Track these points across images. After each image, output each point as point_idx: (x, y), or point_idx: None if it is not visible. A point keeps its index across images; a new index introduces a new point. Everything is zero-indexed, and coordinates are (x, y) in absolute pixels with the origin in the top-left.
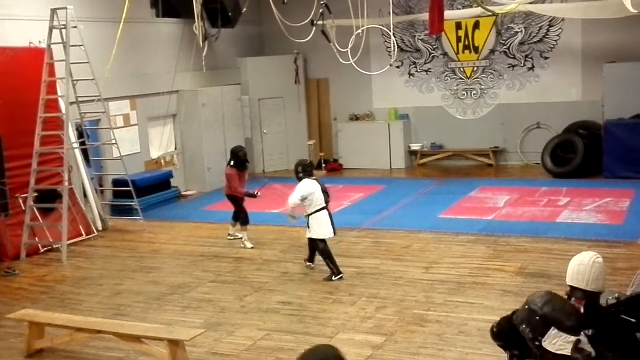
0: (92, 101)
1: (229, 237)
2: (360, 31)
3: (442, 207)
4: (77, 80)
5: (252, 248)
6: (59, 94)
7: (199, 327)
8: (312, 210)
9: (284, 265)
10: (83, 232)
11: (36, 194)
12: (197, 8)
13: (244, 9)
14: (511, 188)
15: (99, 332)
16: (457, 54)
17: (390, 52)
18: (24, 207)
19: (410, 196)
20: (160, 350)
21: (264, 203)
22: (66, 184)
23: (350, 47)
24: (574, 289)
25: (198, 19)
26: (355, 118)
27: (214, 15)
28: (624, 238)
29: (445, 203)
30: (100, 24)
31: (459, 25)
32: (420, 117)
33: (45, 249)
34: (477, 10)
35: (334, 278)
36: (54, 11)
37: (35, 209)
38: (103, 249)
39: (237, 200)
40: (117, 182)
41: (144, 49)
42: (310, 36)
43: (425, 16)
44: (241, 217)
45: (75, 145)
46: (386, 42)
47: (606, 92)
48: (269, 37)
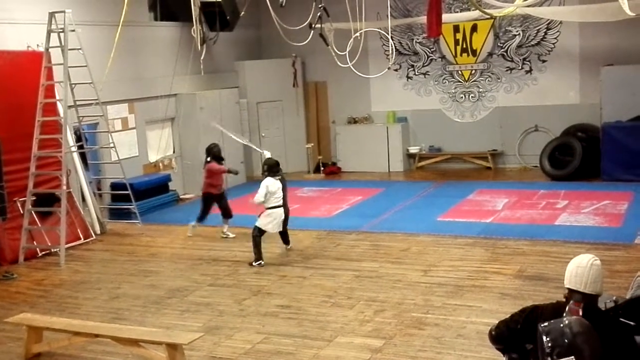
0: (90, 105)
1: (222, 236)
2: (358, 34)
3: (441, 209)
4: (75, 84)
5: (233, 236)
6: (57, 97)
7: (197, 330)
8: (268, 206)
9: (282, 269)
10: (81, 235)
11: (34, 198)
12: (195, 11)
13: (242, 12)
14: (509, 191)
15: (96, 335)
16: (455, 56)
17: (388, 55)
18: (22, 211)
19: (409, 199)
20: (159, 354)
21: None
22: (64, 187)
23: (348, 50)
24: (572, 292)
25: (196, 22)
26: (354, 121)
27: (212, 19)
28: (622, 240)
29: (444, 206)
30: (98, 28)
31: (456, 28)
32: (418, 120)
33: (43, 252)
34: (475, 13)
35: (254, 263)
36: (51, 15)
37: (33, 212)
38: (101, 252)
39: (211, 199)
40: (115, 186)
41: (142, 52)
42: (308, 39)
43: (423, 19)
44: (201, 214)
45: (74, 149)
46: (384, 45)
47: (604, 95)
48: (267, 40)
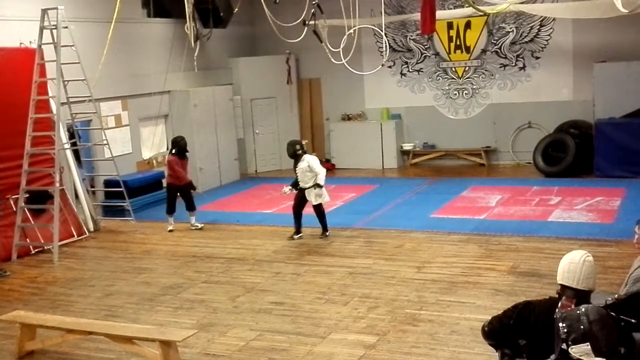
0: (83, 101)
1: (191, 228)
2: (351, 31)
3: (434, 206)
4: (68, 81)
5: (201, 227)
6: (50, 94)
7: (191, 327)
8: (314, 182)
9: (276, 266)
10: (74, 232)
11: (27, 195)
12: (188, 8)
13: (236, 9)
14: (503, 187)
15: (90, 333)
16: (449, 53)
17: (382, 52)
18: (14, 208)
19: (403, 196)
20: (152, 351)
21: (256, 204)
22: (57, 184)
23: (342, 47)
24: (564, 288)
25: (189, 18)
26: (348, 118)
27: (206, 15)
28: (614, 237)
29: (437, 202)
30: (91, 24)
31: (450, 25)
32: (412, 117)
33: (37, 250)
34: (469, 10)
35: (327, 234)
36: (44, 11)
37: (26, 209)
38: (94, 249)
39: (176, 190)
40: (108, 183)
41: (135, 49)
42: (302, 36)
43: (417, 16)
44: (168, 206)
45: (67, 146)
46: (378, 42)
47: (597, 92)
48: (260, 37)
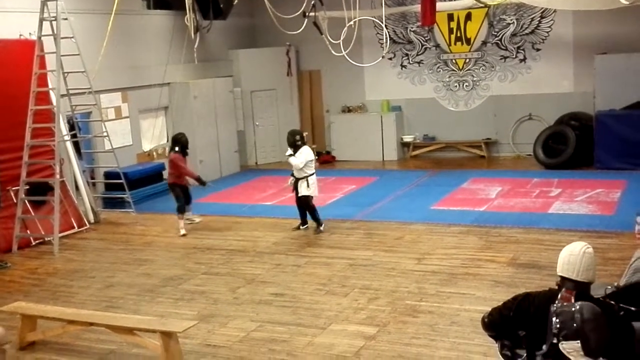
0: (83, 93)
1: (187, 222)
2: (352, 23)
3: (435, 198)
4: (68, 73)
5: (183, 235)
6: (50, 86)
7: (191, 318)
8: (310, 173)
9: (277, 257)
10: (75, 224)
11: (27, 187)
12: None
13: (236, 1)
14: (503, 179)
15: (91, 324)
16: (449, 45)
17: (382, 44)
18: (15, 200)
19: (403, 188)
20: (153, 342)
21: (256, 196)
22: (57, 176)
23: (342, 38)
24: (564, 279)
25: (189, 10)
26: (348, 110)
27: (206, 7)
28: (614, 228)
29: (438, 194)
30: (90, 16)
31: (450, 17)
32: (412, 109)
33: (37, 241)
34: (469, 2)
35: (321, 228)
36: (44, 3)
37: (26, 201)
38: (95, 241)
39: (179, 188)
40: (108, 175)
41: (135, 40)
42: (302, 28)
43: (417, 7)
44: (179, 204)
45: (67, 138)
46: (378, 33)
47: (597, 84)
48: (260, 28)
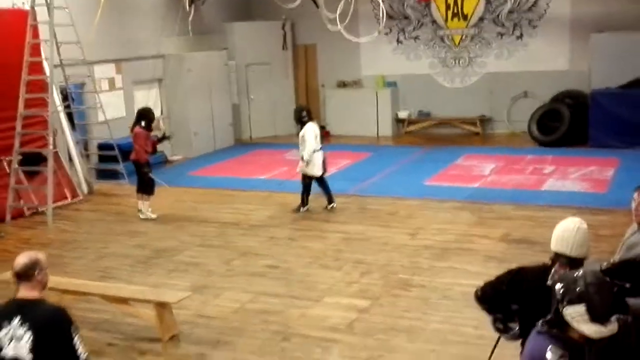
0: (77, 64)
1: (141, 217)
2: None
3: (428, 174)
4: (61, 43)
5: (155, 218)
6: (43, 56)
7: (185, 290)
8: (302, 152)
9: (270, 230)
10: (68, 195)
11: (21, 157)
12: None
13: None
14: (497, 156)
15: (85, 293)
16: (446, 21)
17: (378, 19)
18: (8, 170)
19: (397, 163)
20: (147, 312)
21: (250, 169)
22: (51, 147)
23: (338, 13)
24: (558, 255)
25: None
26: (343, 85)
27: None
28: (607, 206)
29: (432, 170)
30: None
31: None
32: (407, 85)
33: (31, 211)
34: None
35: (301, 209)
36: None
37: (20, 171)
38: (88, 212)
39: (140, 167)
40: (102, 146)
41: (129, 11)
42: (299, 1)
43: None
44: (147, 185)
45: (60, 109)
46: (375, 8)
47: (593, 62)
48: (256, 1)
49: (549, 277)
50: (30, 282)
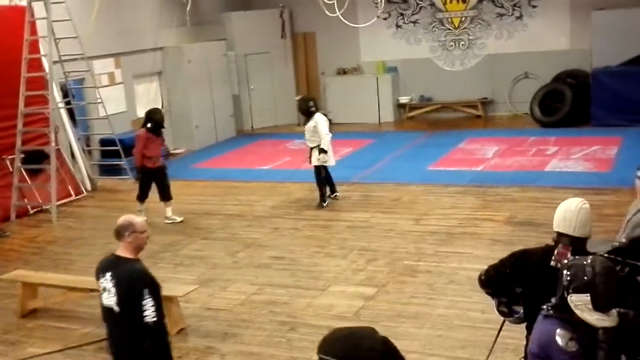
0: (76, 59)
1: (166, 222)
2: None
3: (431, 159)
4: (60, 39)
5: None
6: (42, 52)
7: (191, 283)
8: (323, 145)
9: (275, 221)
10: (72, 192)
11: (23, 155)
12: None
13: None
14: (499, 138)
15: (92, 290)
16: (445, 4)
17: (377, 4)
18: (11, 169)
19: (399, 149)
20: None
21: (253, 160)
22: (53, 144)
23: None
24: (560, 235)
25: None
26: (343, 72)
27: None
28: (611, 185)
29: (434, 155)
30: None
31: None
32: (408, 70)
33: (35, 210)
34: None
35: (326, 201)
36: None
37: (22, 170)
38: (93, 208)
39: (146, 174)
40: (104, 142)
41: (126, 4)
42: None
43: None
44: (140, 192)
45: (61, 105)
46: None
47: (594, 40)
48: None
49: (552, 258)
50: (122, 241)
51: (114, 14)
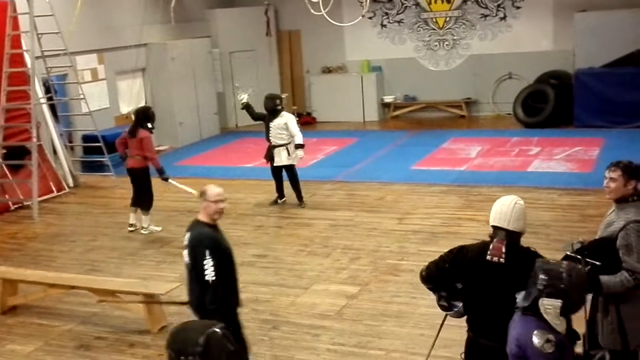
0: (58, 55)
1: (129, 229)
2: None
3: (415, 158)
4: (42, 34)
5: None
6: (24, 48)
7: (174, 281)
8: (288, 141)
9: (258, 219)
10: (54, 188)
11: (4, 151)
12: None
13: None
14: (483, 139)
15: (73, 287)
16: (430, 4)
17: (362, 3)
18: None
19: (384, 148)
20: (136, 305)
21: (236, 158)
22: (34, 140)
23: None
24: (496, 229)
25: None
26: (328, 70)
27: None
28: (593, 186)
29: (418, 155)
30: None
31: None
32: (392, 69)
33: (16, 206)
34: None
35: (302, 205)
36: None
37: (3, 165)
38: (74, 205)
39: (146, 176)
40: (86, 138)
41: (110, 0)
42: None
43: None
44: (147, 200)
45: (43, 101)
46: None
47: (577, 41)
48: None
49: (488, 252)
50: (201, 205)
51: (97, 9)
